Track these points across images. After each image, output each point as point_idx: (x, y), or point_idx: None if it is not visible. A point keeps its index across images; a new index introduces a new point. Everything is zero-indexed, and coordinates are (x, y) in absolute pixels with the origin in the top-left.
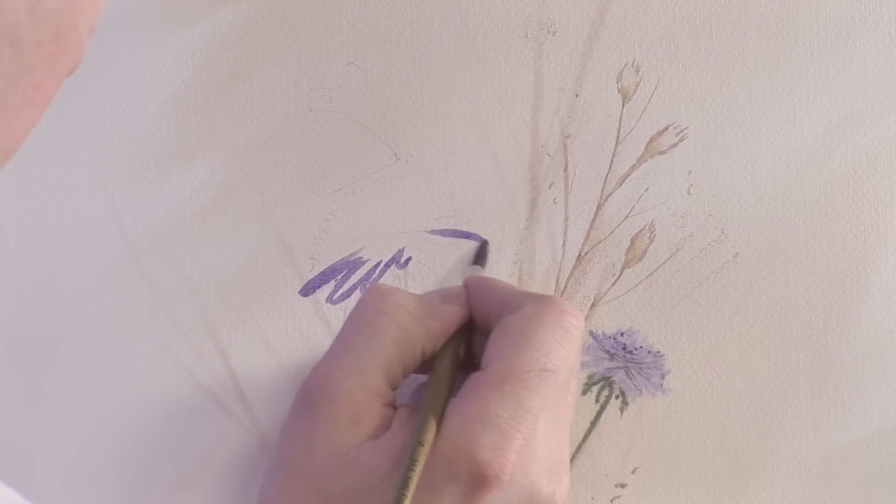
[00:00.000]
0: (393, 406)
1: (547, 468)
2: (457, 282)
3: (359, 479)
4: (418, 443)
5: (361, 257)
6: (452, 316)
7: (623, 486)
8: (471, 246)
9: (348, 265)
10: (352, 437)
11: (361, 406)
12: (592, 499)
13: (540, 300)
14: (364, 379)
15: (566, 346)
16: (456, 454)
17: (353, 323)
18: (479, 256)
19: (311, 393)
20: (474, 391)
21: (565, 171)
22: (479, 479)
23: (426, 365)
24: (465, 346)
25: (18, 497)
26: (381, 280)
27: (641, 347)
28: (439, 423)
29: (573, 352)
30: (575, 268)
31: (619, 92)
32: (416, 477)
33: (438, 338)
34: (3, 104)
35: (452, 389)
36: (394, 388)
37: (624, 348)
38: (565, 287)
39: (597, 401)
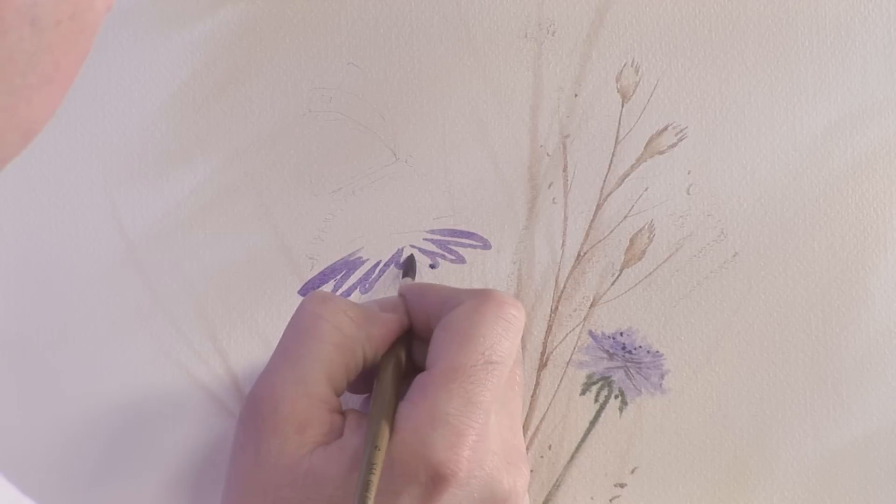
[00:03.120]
0: (339, 412)
1: (504, 460)
2: (392, 293)
3: (314, 488)
4: (374, 447)
5: (361, 257)
6: (392, 322)
7: (622, 485)
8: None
9: (347, 265)
10: (300, 446)
11: (306, 414)
12: (592, 498)
13: (478, 294)
14: (307, 386)
15: (509, 338)
16: (411, 457)
17: (293, 330)
18: (409, 269)
19: (255, 404)
20: (422, 392)
21: (564, 170)
22: (436, 479)
23: (367, 373)
24: (406, 353)
25: (18, 493)
26: (381, 280)
27: (640, 347)
28: (392, 426)
29: (517, 342)
30: (574, 267)
31: (618, 92)
32: (375, 481)
33: (379, 344)
34: (23, 83)
35: (399, 395)
36: (338, 394)
37: (623, 348)
38: (564, 287)
39: (596, 400)
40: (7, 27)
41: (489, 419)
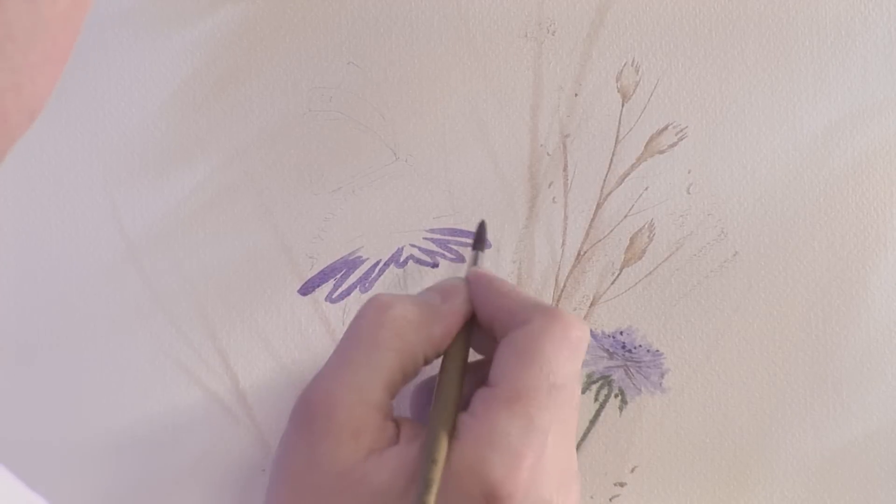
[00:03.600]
0: (393, 419)
1: (557, 480)
2: (458, 272)
3: (367, 497)
4: (432, 461)
5: (360, 256)
6: (454, 317)
7: (622, 484)
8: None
9: (347, 264)
10: (355, 452)
11: (362, 420)
12: (591, 497)
13: (546, 314)
14: (364, 394)
15: (573, 361)
16: (468, 474)
17: (353, 336)
18: (479, 240)
19: (312, 407)
20: (484, 409)
21: (565, 170)
22: (491, 499)
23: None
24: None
25: (25, 488)
26: (380, 279)
27: (640, 346)
28: (450, 439)
29: (579, 365)
30: (574, 267)
31: (618, 91)
32: (433, 494)
33: (440, 343)
34: (25, 61)
35: (460, 399)
36: (392, 397)
37: (623, 347)
38: (564, 286)
39: (596, 399)
40: (5, 3)
41: (547, 441)
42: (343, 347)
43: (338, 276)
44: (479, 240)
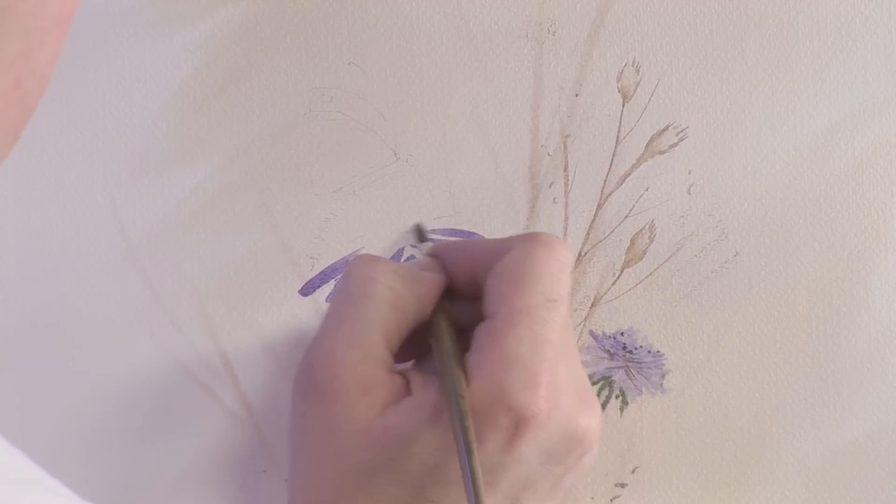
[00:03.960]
0: (397, 373)
1: (576, 397)
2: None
3: (395, 448)
4: (460, 396)
5: None
6: (436, 281)
7: (623, 485)
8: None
9: (348, 264)
10: (370, 409)
11: (368, 376)
12: (592, 498)
13: (527, 239)
14: (365, 349)
15: (562, 278)
16: (490, 404)
17: (345, 294)
18: (421, 236)
19: (315, 372)
20: (490, 339)
21: (565, 170)
22: (518, 422)
23: (411, 340)
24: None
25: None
26: None
27: (641, 347)
28: (467, 378)
29: (570, 280)
30: (575, 267)
31: (619, 91)
32: (472, 426)
33: (427, 302)
34: (35, 25)
35: (460, 347)
36: (392, 353)
37: (624, 348)
38: None
39: None
40: None
41: (558, 356)
42: (336, 306)
43: (339, 277)
44: (422, 237)
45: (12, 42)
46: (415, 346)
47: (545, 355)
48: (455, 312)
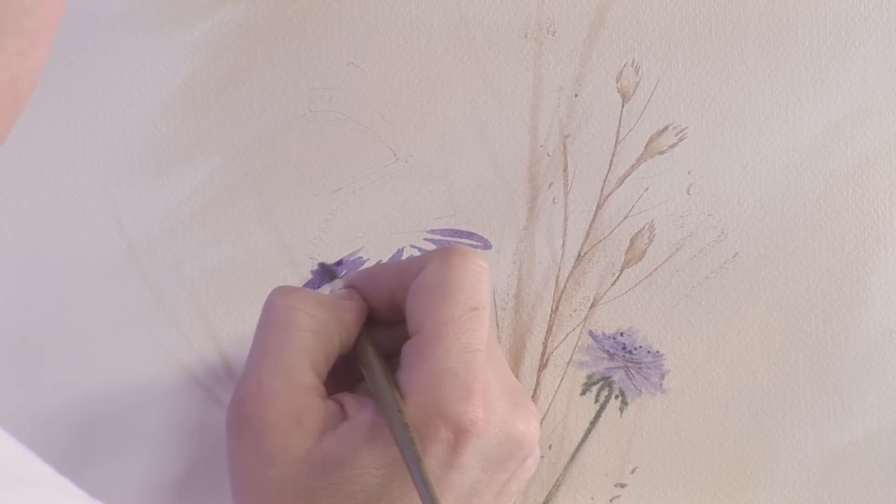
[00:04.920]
0: (328, 398)
1: (511, 403)
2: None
3: (335, 473)
4: (398, 411)
5: (361, 257)
6: (359, 307)
7: (622, 485)
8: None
9: (348, 265)
10: (305, 436)
11: (299, 404)
12: (592, 498)
13: (441, 252)
14: (294, 377)
15: (480, 286)
16: (428, 418)
17: (267, 325)
18: (331, 274)
19: (245, 405)
20: (418, 356)
21: (565, 170)
22: (458, 433)
23: (340, 370)
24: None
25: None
26: None
27: (641, 347)
28: (402, 398)
29: (488, 287)
30: (574, 268)
31: (618, 92)
32: (416, 437)
33: (352, 328)
34: (29, 26)
35: (389, 369)
36: (321, 380)
37: (623, 348)
38: (565, 287)
39: (596, 400)
40: None
41: (487, 364)
42: (260, 339)
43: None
44: (331, 275)
45: (9, 41)
46: (346, 376)
47: (476, 364)
48: (379, 339)
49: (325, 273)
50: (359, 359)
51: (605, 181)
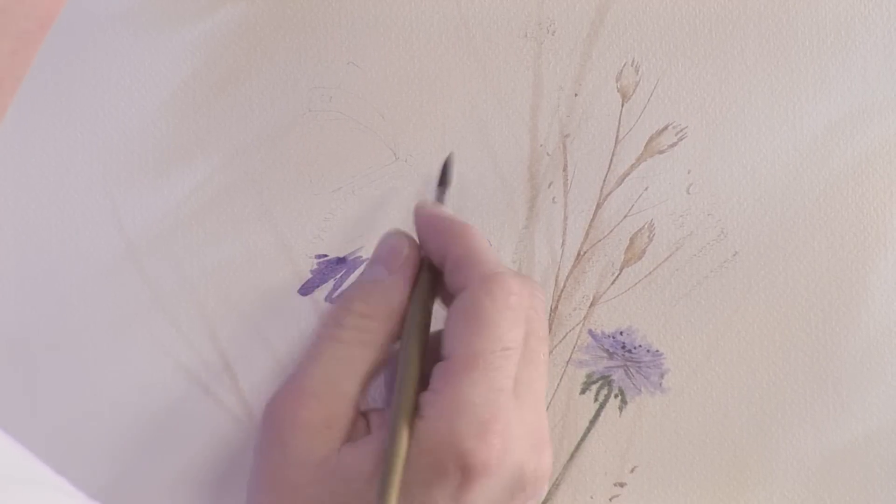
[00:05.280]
0: (363, 412)
1: (528, 444)
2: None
3: (343, 484)
4: (394, 432)
5: (360, 256)
6: (401, 290)
7: (622, 484)
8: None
9: (347, 264)
10: (328, 443)
11: (333, 410)
12: (591, 497)
13: (484, 280)
14: (335, 385)
15: (517, 323)
16: (440, 447)
17: (317, 336)
18: (444, 178)
19: (285, 403)
20: (444, 382)
21: (564, 170)
22: (467, 470)
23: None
24: (434, 295)
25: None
26: None
27: (640, 346)
28: (417, 417)
29: (524, 325)
30: (574, 267)
31: (618, 91)
32: (394, 484)
33: (401, 316)
34: (27, 27)
35: (419, 375)
36: (363, 390)
37: (623, 347)
38: (564, 286)
39: (596, 399)
40: None
41: (510, 404)
42: (311, 343)
43: (338, 277)
44: (445, 176)
45: (3, 42)
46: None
47: (499, 403)
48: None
49: (444, 174)
50: (397, 362)
51: (604, 180)
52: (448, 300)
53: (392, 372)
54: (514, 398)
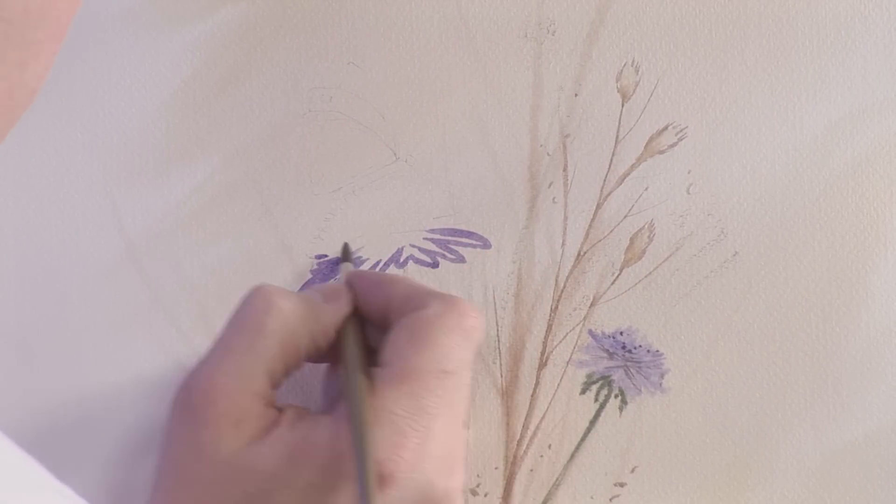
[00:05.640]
0: (275, 407)
1: (442, 465)
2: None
3: (251, 483)
4: (363, 454)
5: (361, 256)
6: (335, 315)
7: (622, 484)
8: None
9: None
10: (236, 440)
11: (244, 409)
12: (591, 498)
13: (443, 301)
14: (247, 382)
15: (466, 348)
16: (350, 450)
17: (236, 324)
18: (346, 255)
19: (194, 396)
20: (373, 390)
21: (564, 170)
22: (376, 478)
23: (322, 357)
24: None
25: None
26: None
27: (640, 346)
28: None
29: (472, 352)
30: (574, 267)
31: (618, 91)
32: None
33: (321, 338)
34: (34, 38)
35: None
36: (275, 388)
37: (623, 347)
38: (564, 286)
39: (596, 400)
40: None
41: (434, 424)
42: (226, 334)
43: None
44: (346, 257)
45: (10, 52)
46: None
47: (420, 420)
48: (370, 340)
49: (343, 253)
50: (339, 358)
51: (604, 181)
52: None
53: (329, 380)
54: (437, 419)
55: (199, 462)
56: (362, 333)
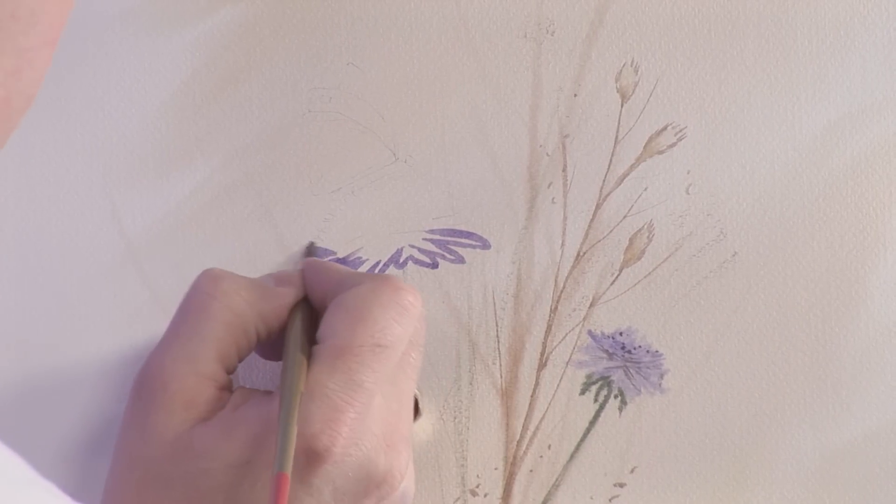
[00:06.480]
0: (228, 389)
1: (383, 442)
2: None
3: (192, 462)
4: (284, 436)
5: (360, 257)
6: (285, 298)
7: (622, 485)
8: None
9: (347, 265)
10: (184, 422)
11: (195, 391)
12: (591, 498)
13: (376, 278)
14: (196, 364)
15: (402, 323)
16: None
17: (184, 309)
18: (309, 252)
19: (146, 381)
20: (308, 367)
21: (564, 170)
22: (309, 453)
23: (266, 346)
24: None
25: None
26: None
27: (640, 347)
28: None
29: (410, 328)
30: (573, 267)
31: (617, 92)
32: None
33: (272, 320)
34: (27, 44)
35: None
36: (229, 371)
37: (622, 348)
38: (564, 287)
39: (595, 400)
40: None
41: (372, 400)
42: (175, 320)
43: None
44: (310, 253)
45: (4, 60)
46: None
47: (355, 395)
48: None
49: (306, 250)
50: (284, 350)
51: (604, 181)
52: None
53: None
54: (375, 395)
55: (147, 444)
56: (312, 319)
